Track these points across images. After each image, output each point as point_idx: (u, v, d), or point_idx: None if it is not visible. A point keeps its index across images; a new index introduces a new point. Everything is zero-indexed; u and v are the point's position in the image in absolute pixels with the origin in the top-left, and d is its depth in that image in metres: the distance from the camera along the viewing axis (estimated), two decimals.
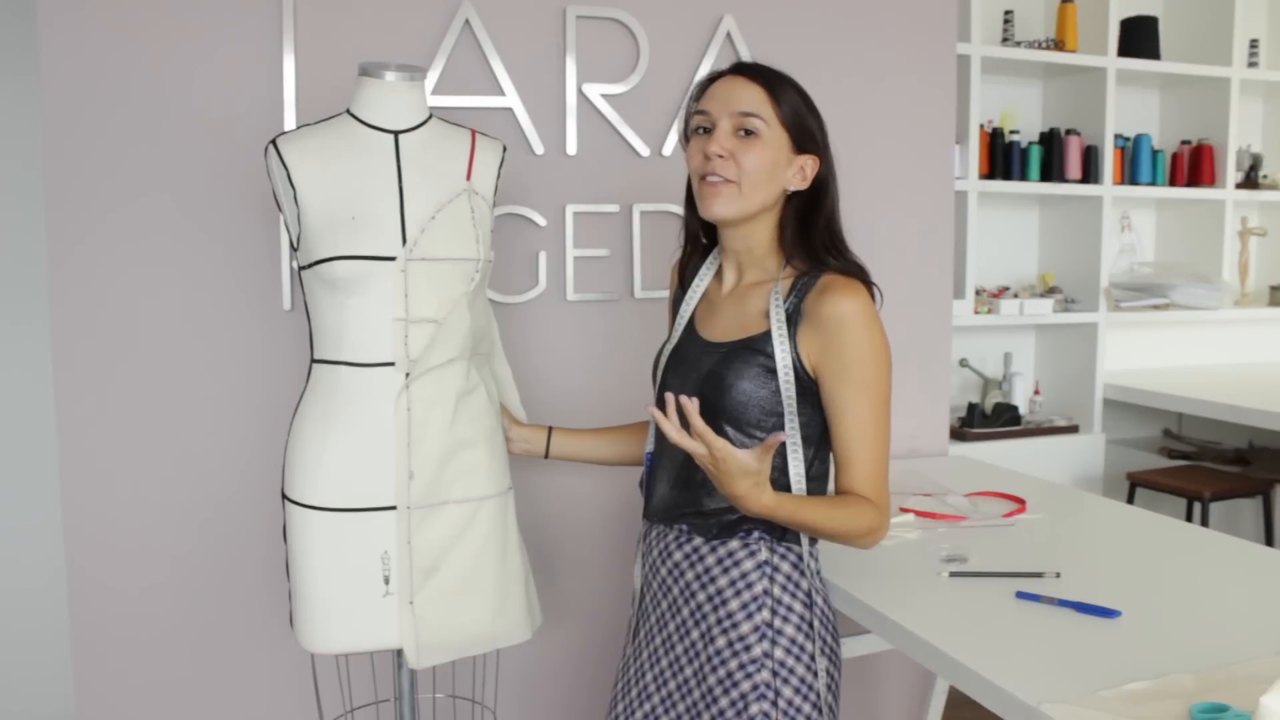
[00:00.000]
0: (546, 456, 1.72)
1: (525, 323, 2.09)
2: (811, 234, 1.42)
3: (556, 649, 2.17)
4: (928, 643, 1.27)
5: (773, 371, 1.38)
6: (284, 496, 1.58)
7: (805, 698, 1.37)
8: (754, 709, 1.34)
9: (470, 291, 1.56)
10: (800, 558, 1.42)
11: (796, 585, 1.41)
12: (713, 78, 1.45)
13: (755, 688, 1.35)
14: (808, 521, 1.34)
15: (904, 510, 1.82)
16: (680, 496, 1.45)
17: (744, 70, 1.42)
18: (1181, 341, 3.99)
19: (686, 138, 1.46)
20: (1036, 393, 3.69)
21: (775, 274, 1.44)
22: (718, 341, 1.44)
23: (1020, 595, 1.40)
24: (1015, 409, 3.47)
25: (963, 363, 3.56)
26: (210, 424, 1.93)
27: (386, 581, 1.55)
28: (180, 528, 1.93)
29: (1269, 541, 3.26)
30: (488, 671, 2.06)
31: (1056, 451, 3.49)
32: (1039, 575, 1.47)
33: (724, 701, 1.36)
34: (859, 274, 1.42)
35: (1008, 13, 3.53)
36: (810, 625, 1.40)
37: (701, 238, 1.55)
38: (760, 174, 1.38)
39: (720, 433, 1.35)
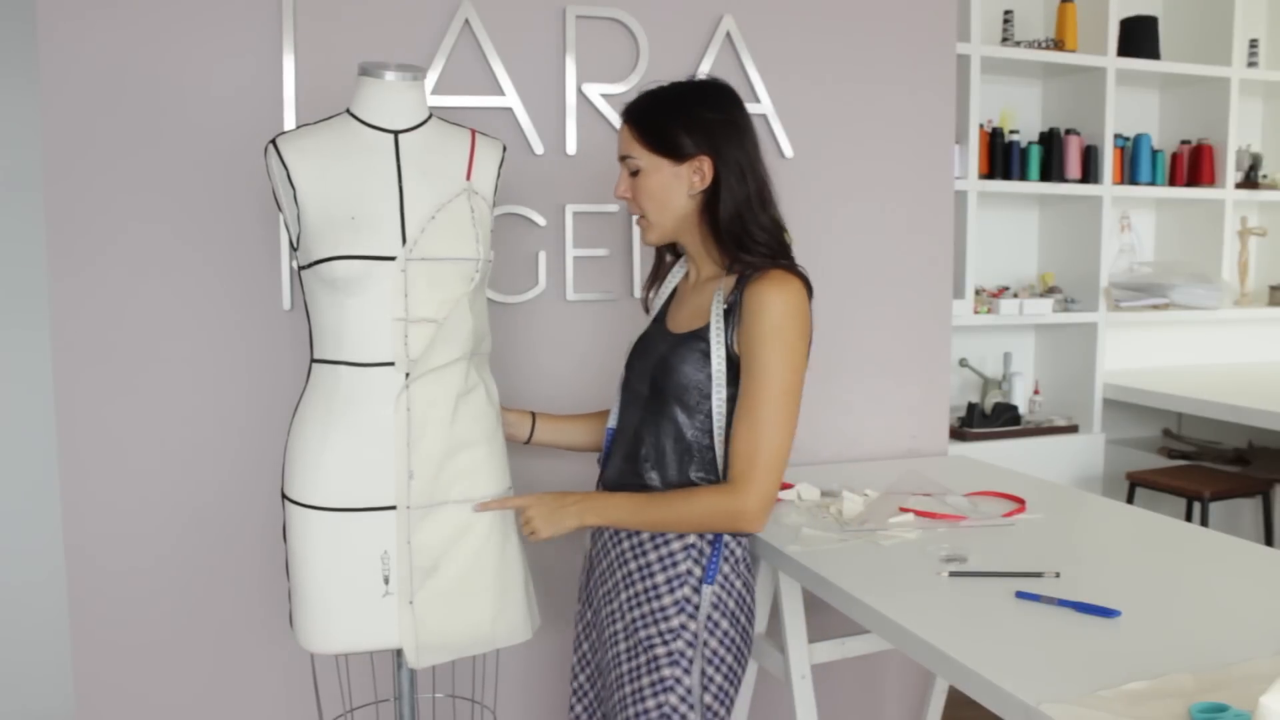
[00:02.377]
0: (528, 441, 1.80)
1: (525, 323, 2.09)
2: (718, 227, 1.56)
3: (556, 649, 2.17)
4: (928, 643, 1.27)
5: (709, 357, 1.54)
6: (284, 496, 1.58)
7: (718, 669, 1.53)
8: (666, 672, 1.50)
9: (470, 292, 1.56)
10: (732, 550, 1.57)
11: (730, 580, 1.56)
12: None
13: (670, 654, 1.50)
14: (634, 512, 1.54)
15: (904, 510, 1.82)
16: (627, 468, 1.62)
17: (623, 115, 1.61)
18: (1181, 341, 3.99)
19: None
20: (1036, 393, 3.69)
21: (719, 272, 1.60)
22: (674, 332, 1.62)
23: (1020, 595, 1.40)
24: (1015, 409, 3.47)
25: (962, 363, 3.56)
26: (210, 424, 1.93)
27: (386, 581, 1.55)
28: (180, 528, 1.93)
29: (1269, 541, 3.26)
30: (488, 671, 2.06)
31: (1056, 451, 3.49)
32: (1039, 575, 1.47)
33: (642, 659, 1.52)
34: (791, 267, 1.55)
35: (1007, 13, 3.53)
36: (726, 605, 1.55)
37: (666, 255, 1.73)
38: (653, 200, 1.57)
39: (669, 413, 1.56)
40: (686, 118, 1.55)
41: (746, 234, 1.54)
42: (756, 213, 1.55)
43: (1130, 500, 3.35)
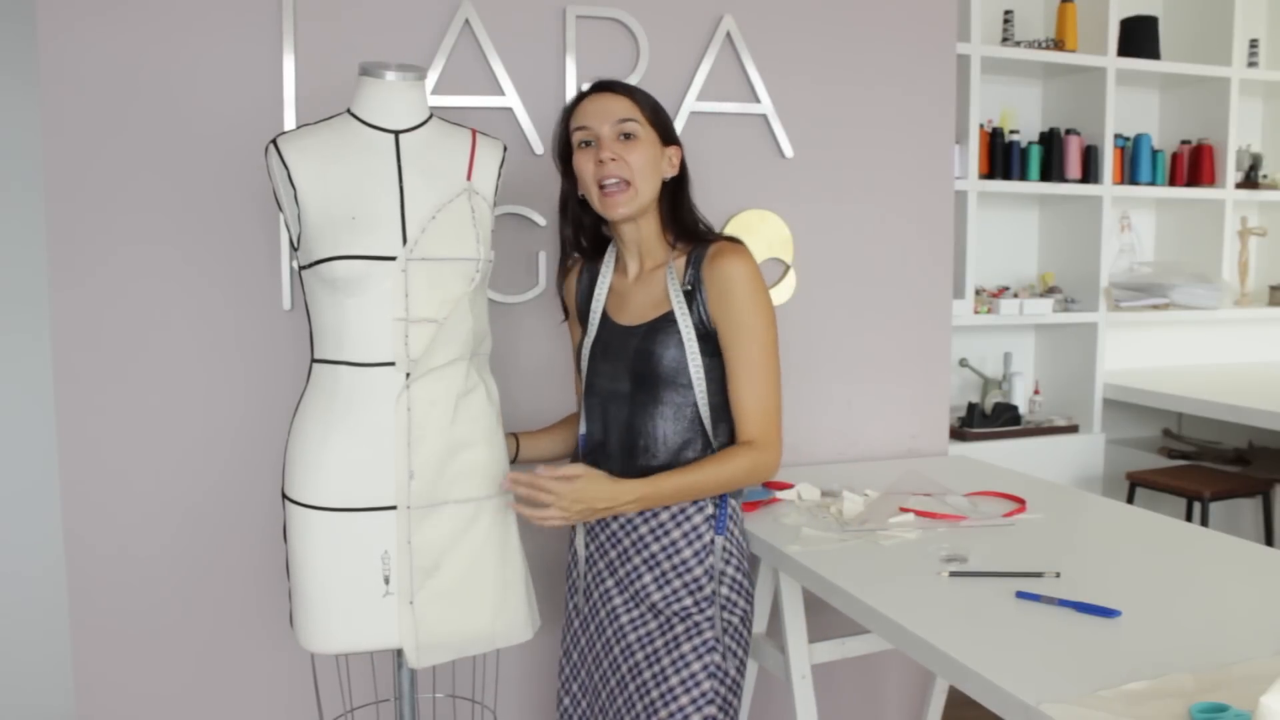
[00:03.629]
0: (514, 461, 1.80)
1: (525, 323, 2.09)
2: (682, 211, 1.69)
3: (556, 649, 2.17)
4: (928, 643, 1.27)
5: (699, 336, 1.63)
6: (284, 496, 1.58)
7: (744, 622, 1.66)
8: (707, 633, 1.61)
9: (471, 292, 1.56)
10: (734, 510, 1.69)
11: (730, 534, 1.67)
12: (580, 98, 1.67)
13: (709, 619, 1.61)
14: (682, 487, 1.59)
15: (904, 510, 1.82)
16: (631, 464, 1.66)
17: (607, 86, 1.66)
18: (1181, 341, 3.99)
19: (563, 157, 1.69)
20: (1036, 392, 3.69)
21: (668, 257, 1.68)
22: (635, 325, 1.67)
23: (1020, 595, 1.40)
24: (1015, 409, 3.47)
25: (963, 363, 3.56)
26: (210, 424, 1.93)
27: (387, 581, 1.55)
28: (180, 528, 1.93)
29: (1269, 541, 3.25)
30: (488, 671, 2.06)
31: (1056, 451, 3.48)
32: (1039, 575, 1.47)
33: (680, 628, 1.61)
34: (737, 239, 1.67)
35: (1007, 12, 3.53)
36: (741, 565, 1.68)
37: (582, 243, 1.77)
38: (647, 168, 1.62)
39: (660, 400, 1.63)
40: (664, 111, 1.70)
41: (698, 219, 1.71)
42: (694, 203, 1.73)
43: (1130, 500, 3.35)
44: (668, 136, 1.67)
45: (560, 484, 1.53)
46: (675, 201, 1.69)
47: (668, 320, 1.63)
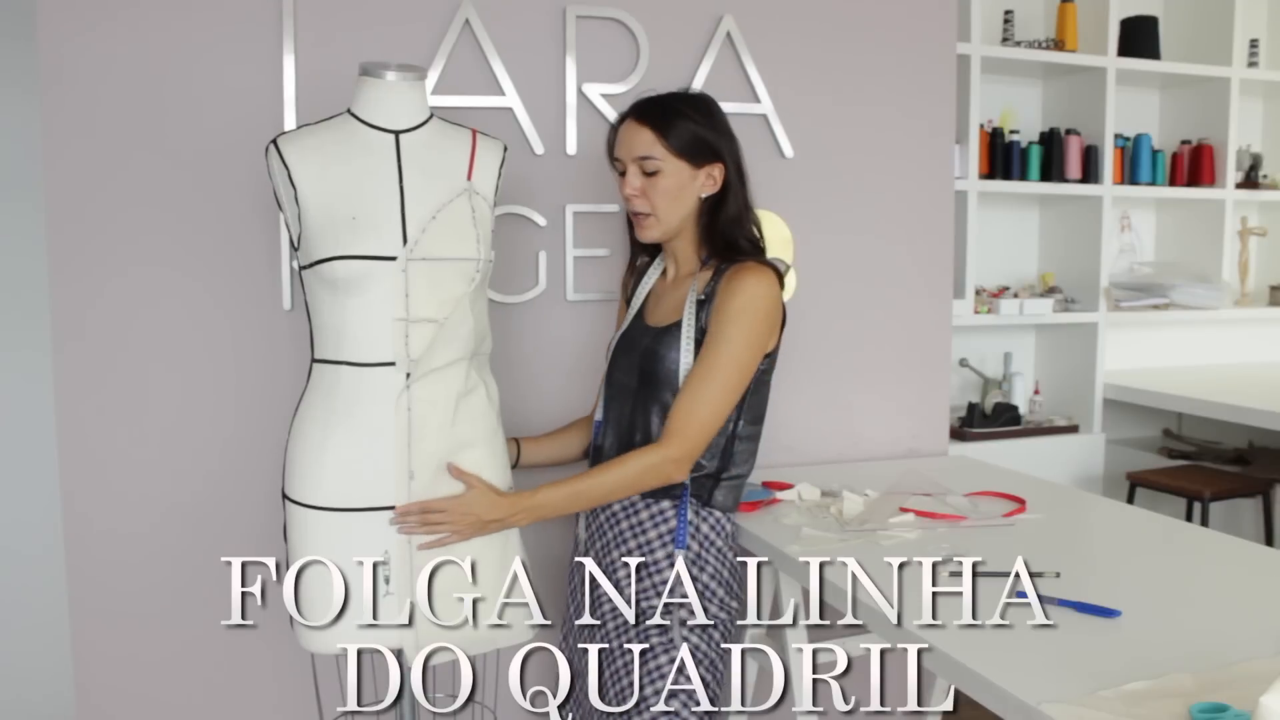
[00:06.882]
0: (515, 466, 1.80)
1: (525, 323, 2.09)
2: (717, 227, 1.68)
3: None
4: (928, 642, 1.27)
5: (696, 344, 1.63)
6: (284, 496, 1.58)
7: (718, 628, 1.65)
8: (674, 631, 1.60)
9: (471, 292, 1.56)
10: (719, 520, 1.68)
11: (712, 543, 1.67)
12: (617, 124, 1.69)
13: (677, 619, 1.61)
14: (571, 495, 1.61)
15: (904, 510, 1.82)
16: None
17: (635, 114, 1.66)
18: (1181, 341, 3.99)
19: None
20: (1036, 392, 3.69)
21: (698, 267, 1.70)
22: (654, 325, 1.71)
23: (1020, 595, 1.40)
24: (1015, 409, 3.47)
25: (963, 363, 3.56)
26: (210, 424, 1.93)
27: (387, 581, 1.55)
28: (180, 528, 1.93)
29: (1269, 541, 3.25)
30: (488, 671, 2.06)
31: (1056, 451, 3.49)
32: (1039, 575, 1.47)
33: (649, 624, 1.60)
34: (768, 262, 1.67)
35: (1008, 12, 3.53)
36: (719, 576, 1.67)
37: (643, 252, 1.81)
38: (668, 200, 1.64)
39: (657, 399, 1.64)
40: (708, 126, 1.66)
41: (741, 235, 1.68)
42: (747, 217, 1.70)
43: (1130, 500, 3.35)
44: (700, 158, 1.64)
45: (446, 501, 1.55)
46: (712, 218, 1.68)
47: (679, 327, 1.66)
